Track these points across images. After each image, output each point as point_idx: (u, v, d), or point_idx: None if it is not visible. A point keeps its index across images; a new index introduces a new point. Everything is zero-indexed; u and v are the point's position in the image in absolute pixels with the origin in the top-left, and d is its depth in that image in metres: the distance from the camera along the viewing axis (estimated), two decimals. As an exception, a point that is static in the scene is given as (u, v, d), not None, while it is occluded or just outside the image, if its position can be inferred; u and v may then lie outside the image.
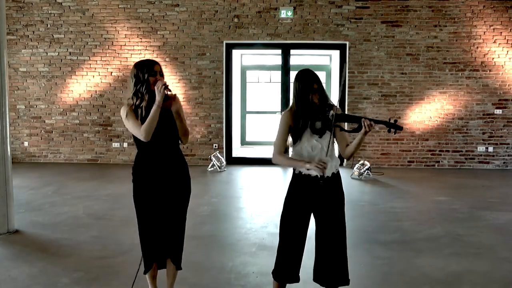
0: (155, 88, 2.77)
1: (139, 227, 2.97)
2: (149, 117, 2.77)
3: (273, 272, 2.92)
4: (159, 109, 2.77)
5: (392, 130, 2.56)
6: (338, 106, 2.74)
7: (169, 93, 2.85)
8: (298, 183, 2.82)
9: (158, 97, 2.77)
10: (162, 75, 2.88)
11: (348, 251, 2.90)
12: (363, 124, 2.56)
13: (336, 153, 2.91)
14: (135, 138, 2.90)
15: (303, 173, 2.78)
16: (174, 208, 2.94)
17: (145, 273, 3.04)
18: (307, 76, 2.74)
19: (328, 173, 2.77)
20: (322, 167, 2.62)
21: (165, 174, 2.89)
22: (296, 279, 2.89)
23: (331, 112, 2.64)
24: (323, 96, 2.76)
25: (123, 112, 2.87)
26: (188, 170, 3.02)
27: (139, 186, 2.92)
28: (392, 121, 2.56)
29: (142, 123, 2.80)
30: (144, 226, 2.95)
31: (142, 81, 2.82)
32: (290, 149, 2.88)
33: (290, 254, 2.84)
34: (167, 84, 2.79)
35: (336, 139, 2.78)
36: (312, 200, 2.80)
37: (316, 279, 2.88)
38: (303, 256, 2.89)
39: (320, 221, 2.83)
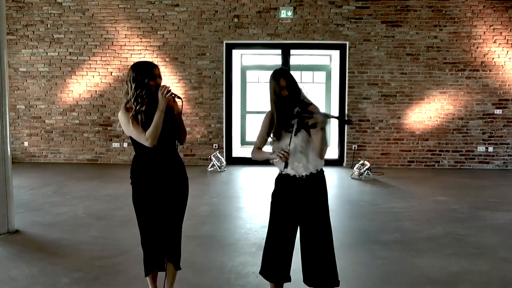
0: (159, 93, 2.75)
1: (140, 230, 2.97)
2: (154, 123, 2.75)
3: (261, 272, 2.94)
4: (163, 114, 2.77)
5: (343, 123, 2.57)
6: (311, 104, 2.77)
7: (177, 98, 2.85)
8: (280, 182, 2.89)
9: (162, 102, 2.75)
10: (160, 78, 2.87)
11: (349, 251, 2.91)
12: (316, 119, 2.60)
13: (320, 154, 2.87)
14: (133, 140, 2.89)
15: (282, 173, 2.83)
16: (173, 209, 2.93)
17: (146, 275, 3.04)
18: (276, 74, 2.79)
19: (303, 172, 2.79)
20: (283, 156, 2.63)
21: (164, 175, 2.89)
22: (287, 279, 2.90)
23: (296, 109, 2.66)
24: (293, 92, 2.76)
25: (123, 118, 2.82)
26: (185, 171, 3.02)
27: (138, 188, 2.91)
28: (346, 116, 2.57)
29: (143, 128, 2.79)
30: (145, 229, 2.94)
31: (142, 86, 2.78)
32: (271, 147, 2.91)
33: (276, 253, 2.87)
34: (170, 89, 2.79)
35: (312, 138, 2.76)
36: (294, 199, 2.83)
37: (305, 280, 2.88)
38: (298, 257, 2.90)
39: (303, 221, 2.85)
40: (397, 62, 8.74)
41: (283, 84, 2.75)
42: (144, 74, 2.79)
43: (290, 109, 2.71)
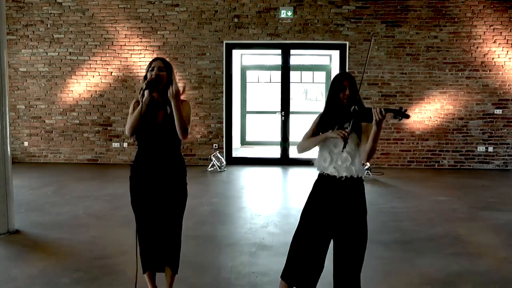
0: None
1: (137, 226, 2.99)
2: (133, 114, 2.82)
3: (283, 273, 2.79)
4: (144, 106, 2.78)
5: (399, 117, 2.50)
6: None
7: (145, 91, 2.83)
8: (318, 185, 2.77)
9: (145, 94, 2.82)
10: (163, 70, 2.88)
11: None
12: (373, 112, 2.49)
13: (361, 160, 2.75)
14: (136, 136, 2.91)
15: (325, 174, 2.73)
16: (168, 213, 2.93)
17: (144, 272, 3.05)
18: (338, 76, 2.77)
19: (344, 173, 2.68)
20: (344, 135, 2.56)
21: (160, 177, 2.89)
22: (309, 285, 2.74)
23: (353, 107, 2.59)
24: (353, 93, 2.70)
25: (131, 104, 2.95)
26: (185, 176, 3.00)
27: (134, 184, 2.95)
28: (403, 110, 2.51)
29: (142, 118, 2.84)
30: (140, 226, 2.96)
31: (145, 78, 2.89)
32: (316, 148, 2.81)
33: (303, 255, 2.73)
34: (152, 78, 2.81)
35: (360, 142, 2.69)
36: (332, 203, 2.70)
37: None
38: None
39: (338, 227, 2.72)
40: (397, 62, 8.74)
41: (344, 85, 2.70)
42: (147, 67, 2.92)
43: (347, 109, 2.65)
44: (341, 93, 2.71)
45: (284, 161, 9.11)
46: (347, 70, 8.77)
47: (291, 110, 9.27)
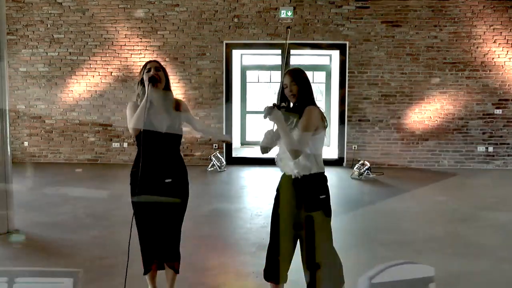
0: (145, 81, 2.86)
1: (137, 228, 2.97)
2: (137, 110, 2.80)
3: (264, 273, 2.87)
4: (146, 102, 2.77)
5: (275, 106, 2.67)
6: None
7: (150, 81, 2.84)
8: (280, 182, 2.90)
9: (148, 88, 2.82)
10: (160, 70, 2.92)
11: (349, 251, 2.90)
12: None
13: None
14: (136, 138, 2.90)
15: (283, 172, 2.85)
16: (170, 214, 2.92)
17: (144, 274, 3.05)
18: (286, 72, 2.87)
19: (289, 172, 2.75)
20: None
21: (158, 178, 2.88)
22: (277, 279, 2.79)
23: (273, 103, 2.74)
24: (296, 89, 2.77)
25: (127, 107, 2.93)
26: (187, 177, 3.00)
27: (132, 187, 2.92)
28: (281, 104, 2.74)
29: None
30: (140, 228, 2.95)
31: (141, 80, 2.90)
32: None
33: (272, 250, 2.84)
34: (154, 74, 2.84)
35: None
36: (287, 200, 2.80)
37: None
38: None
39: (297, 226, 2.79)
40: (397, 62, 8.74)
41: (286, 81, 2.78)
42: (142, 69, 2.95)
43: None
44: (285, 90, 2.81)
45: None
46: (347, 70, 8.78)
47: (291, 110, 9.25)
